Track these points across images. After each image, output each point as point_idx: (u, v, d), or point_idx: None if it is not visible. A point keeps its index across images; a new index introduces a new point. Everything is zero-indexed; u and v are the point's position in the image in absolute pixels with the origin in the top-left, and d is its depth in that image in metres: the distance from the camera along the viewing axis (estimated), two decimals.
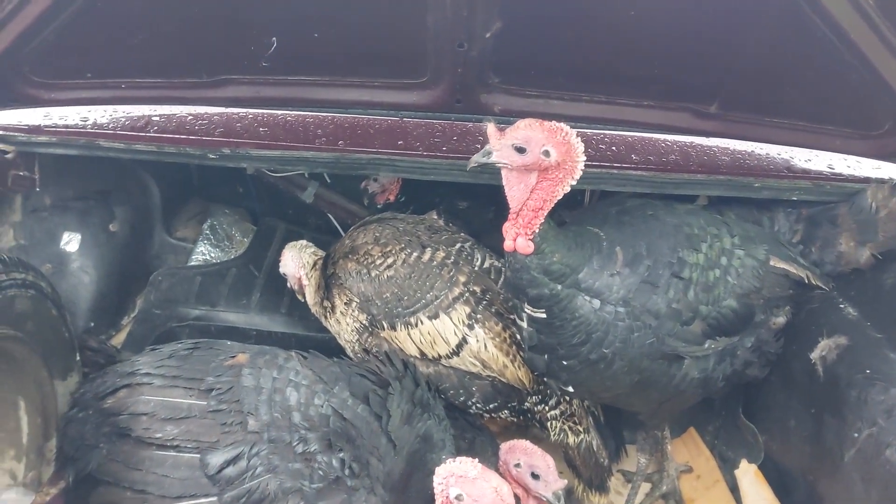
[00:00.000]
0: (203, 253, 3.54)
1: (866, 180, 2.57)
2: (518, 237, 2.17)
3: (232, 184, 3.76)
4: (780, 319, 2.58)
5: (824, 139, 2.54)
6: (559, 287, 2.22)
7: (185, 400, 2.28)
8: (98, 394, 2.42)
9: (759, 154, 2.65)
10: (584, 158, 2.08)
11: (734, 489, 2.89)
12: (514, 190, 2.14)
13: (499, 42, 2.22)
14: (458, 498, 1.96)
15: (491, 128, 2.09)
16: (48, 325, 2.65)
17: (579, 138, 2.07)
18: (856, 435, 2.25)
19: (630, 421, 3.00)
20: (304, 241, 2.98)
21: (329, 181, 3.61)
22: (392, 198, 3.34)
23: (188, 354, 2.43)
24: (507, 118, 2.55)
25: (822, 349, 2.48)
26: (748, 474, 2.76)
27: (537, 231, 2.16)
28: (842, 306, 2.57)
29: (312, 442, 2.18)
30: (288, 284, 2.98)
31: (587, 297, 2.24)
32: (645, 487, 3.04)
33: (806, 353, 2.52)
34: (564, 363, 2.34)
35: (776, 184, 2.57)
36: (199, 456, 2.20)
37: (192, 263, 3.51)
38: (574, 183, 2.11)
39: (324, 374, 2.32)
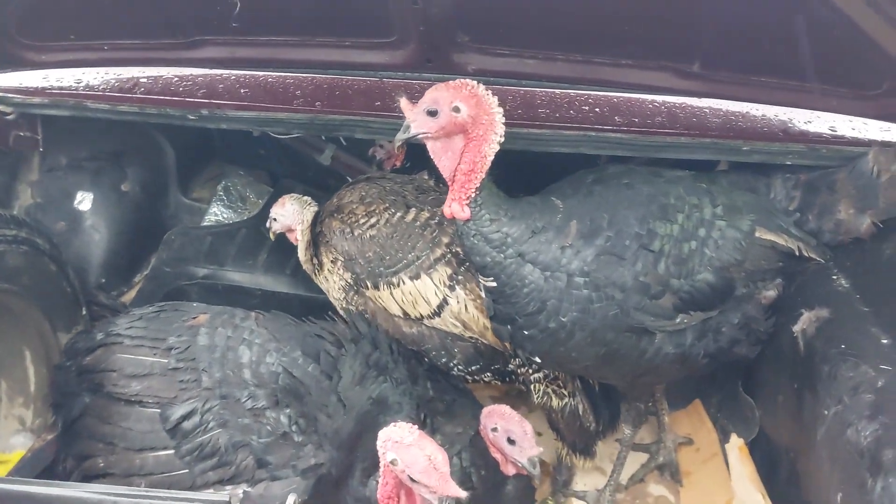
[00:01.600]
0: (216, 213, 3.61)
1: (868, 143, 2.40)
2: (453, 203, 2.14)
3: (253, 146, 3.80)
4: (771, 293, 2.45)
5: (820, 99, 2.38)
6: (501, 256, 2.17)
7: (149, 358, 2.38)
8: (81, 351, 2.53)
9: (753, 115, 2.50)
10: (501, 111, 2.05)
11: None
12: (443, 159, 2.12)
13: None
14: (392, 462, 1.96)
15: (404, 102, 2.13)
16: (46, 279, 2.77)
17: (489, 91, 2.05)
18: (825, 412, 2.14)
19: None
20: (308, 198, 2.97)
21: (345, 144, 3.61)
22: (398, 163, 3.32)
23: (155, 316, 2.53)
24: (481, 78, 2.50)
25: (804, 322, 2.35)
26: (734, 449, 2.67)
27: (473, 197, 2.12)
28: (834, 278, 2.43)
29: (261, 398, 2.24)
30: (269, 225, 2.97)
31: (535, 268, 2.19)
32: (642, 458, 2.97)
33: (790, 326, 2.39)
34: (525, 333, 2.29)
35: (766, 147, 2.43)
36: (159, 411, 2.29)
37: (205, 224, 3.59)
38: (500, 139, 2.07)
39: (278, 334, 2.37)
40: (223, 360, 2.32)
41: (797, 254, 2.42)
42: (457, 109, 2.04)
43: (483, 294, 2.32)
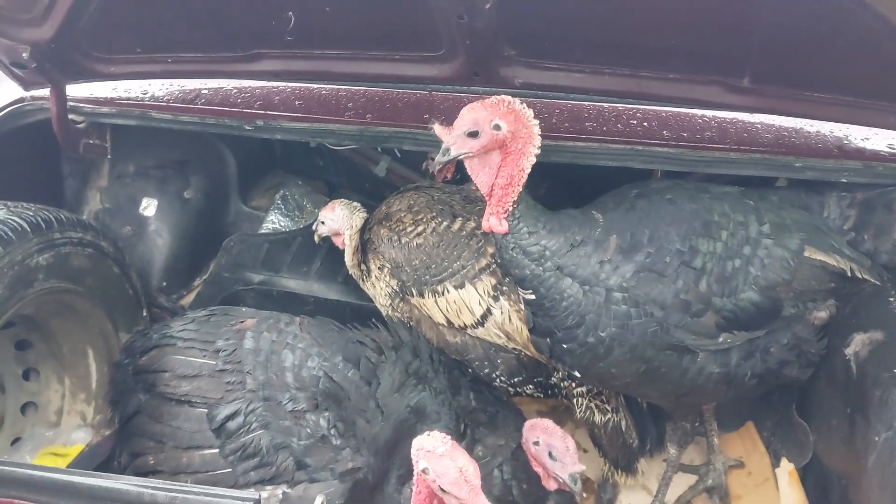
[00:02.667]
0: (273, 221, 3.70)
1: None
2: (490, 217, 2.15)
3: (311, 157, 3.89)
4: (822, 314, 2.39)
5: (878, 116, 2.31)
6: (540, 269, 2.18)
7: (198, 360, 2.46)
8: (138, 350, 2.64)
9: (807, 131, 2.46)
10: (537, 122, 2.07)
11: None
12: (481, 175, 2.15)
13: (504, 13, 2.18)
14: (424, 471, 1.98)
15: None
16: (110, 282, 2.89)
17: (524, 104, 2.07)
18: (876, 438, 2.07)
19: None
20: (357, 204, 3.02)
21: (399, 156, 3.66)
22: (449, 175, 3.34)
23: (206, 319, 2.62)
24: (529, 91, 2.52)
25: (857, 344, 2.28)
26: (784, 474, 2.60)
27: (511, 210, 2.14)
28: (891, 300, 2.35)
29: (301, 401, 2.30)
30: (315, 228, 3.02)
31: (573, 281, 2.19)
32: (690, 479, 2.92)
33: (843, 348, 2.33)
34: (564, 346, 2.29)
35: (820, 164, 2.38)
36: (206, 411, 2.36)
37: (262, 231, 3.68)
38: (538, 151, 2.08)
39: (321, 339, 2.42)
40: (267, 363, 2.39)
41: (850, 275, 2.34)
42: (497, 127, 2.06)
43: (523, 306, 2.32)
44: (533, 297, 2.23)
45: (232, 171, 3.66)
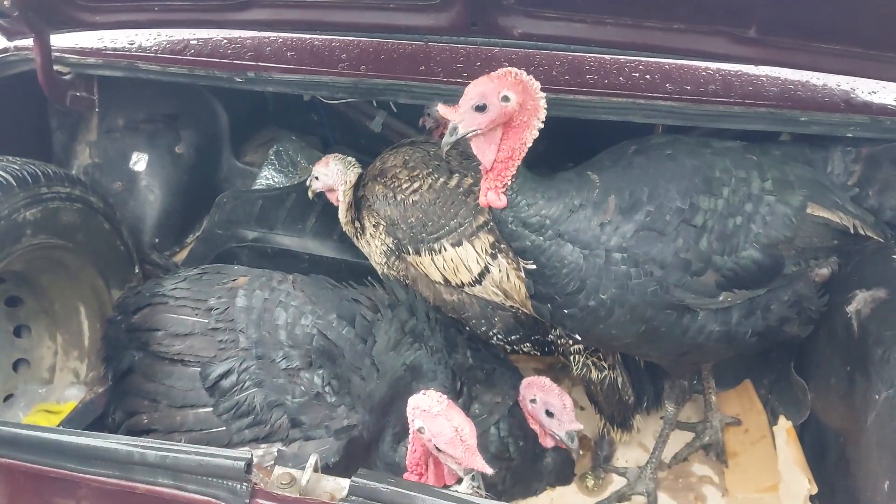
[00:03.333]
0: (267, 178, 3.64)
1: None
2: (489, 192, 2.09)
3: (305, 112, 3.82)
4: (824, 271, 2.35)
5: (886, 68, 2.24)
6: (541, 238, 2.13)
7: (191, 318, 2.43)
8: (131, 308, 2.60)
9: (814, 84, 2.40)
10: (544, 95, 1.99)
11: None
12: (486, 153, 2.06)
13: None
14: (419, 430, 1.95)
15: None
16: (101, 237, 2.84)
17: (531, 76, 1.99)
18: (876, 397, 2.04)
19: None
20: (352, 159, 2.95)
21: (395, 110, 3.59)
22: (446, 131, 3.29)
23: (198, 278, 2.58)
24: (528, 43, 2.45)
25: (859, 302, 2.25)
26: (781, 432, 2.59)
27: (509, 184, 2.08)
28: (895, 257, 2.31)
29: (295, 359, 2.27)
30: (309, 183, 2.96)
31: (574, 247, 2.14)
32: (687, 437, 2.91)
33: (844, 307, 2.29)
34: (565, 311, 2.25)
35: (827, 118, 2.32)
36: (199, 370, 2.33)
37: (256, 187, 3.62)
38: (541, 125, 2.01)
39: (314, 297, 2.39)
40: (260, 321, 2.35)
41: (853, 232, 2.30)
42: (506, 99, 1.98)
43: (523, 274, 2.28)
44: (534, 266, 2.18)
45: (224, 126, 3.59)
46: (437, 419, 1.97)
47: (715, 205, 2.20)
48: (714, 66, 2.44)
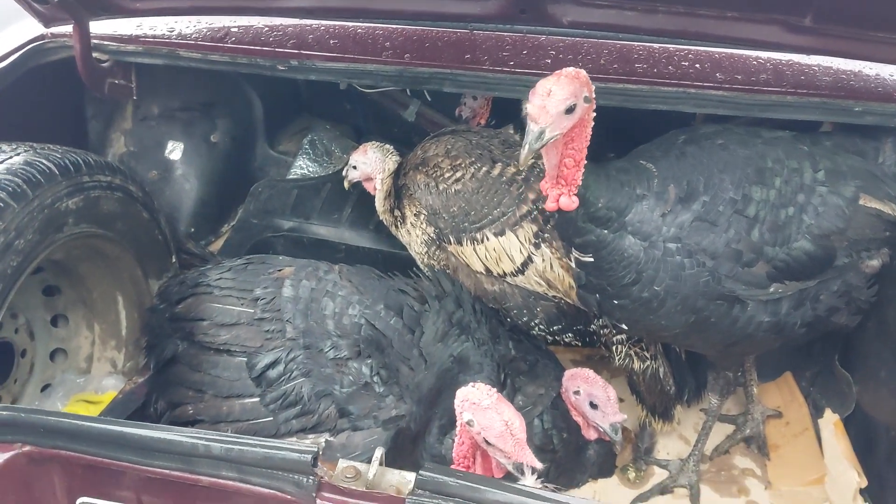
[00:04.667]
0: (301, 167, 3.62)
1: None
2: (561, 197, 2.04)
3: (339, 101, 3.79)
4: (874, 262, 2.32)
5: None
6: (605, 232, 2.10)
7: (237, 308, 2.42)
8: (174, 297, 2.58)
9: (866, 74, 2.36)
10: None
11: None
12: (553, 156, 2.00)
13: None
14: (469, 423, 1.94)
15: (531, 107, 1.87)
16: (139, 226, 2.82)
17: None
18: None
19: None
20: (390, 147, 2.94)
21: (430, 100, 3.57)
22: (483, 121, 3.28)
23: (243, 268, 2.56)
24: (581, 32, 2.42)
25: None
26: (828, 425, 2.57)
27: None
28: None
29: (343, 348, 2.26)
30: (346, 173, 2.95)
31: (636, 238, 2.11)
32: (728, 429, 2.89)
33: None
34: (616, 302, 2.23)
35: (881, 108, 2.29)
36: (245, 359, 2.32)
37: (291, 177, 3.60)
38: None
39: (361, 287, 2.37)
40: (307, 311, 2.34)
41: None
42: (587, 99, 1.92)
43: (573, 265, 2.25)
44: (592, 259, 2.15)
45: (259, 115, 3.57)
46: (487, 412, 1.96)
47: (767, 195, 2.17)
48: (765, 55, 2.40)
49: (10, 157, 2.37)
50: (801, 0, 2.14)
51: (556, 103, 1.86)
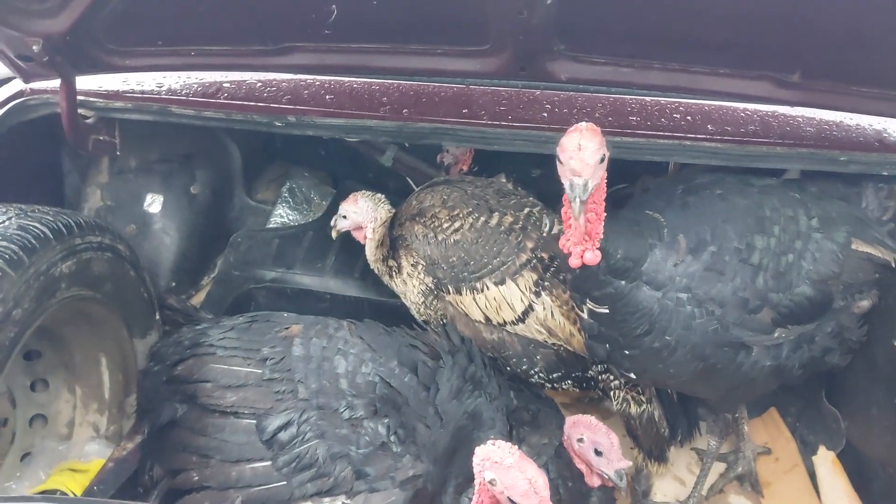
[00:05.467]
0: (281, 215, 3.59)
1: None
2: (585, 252, 2.06)
3: (314, 147, 3.78)
4: (865, 303, 2.42)
5: None
6: (622, 283, 2.14)
7: (244, 369, 2.36)
8: (171, 359, 2.52)
9: (847, 125, 2.48)
10: None
11: (813, 474, 2.78)
12: (580, 209, 1.99)
13: (562, 8, 2.12)
14: (491, 482, 1.93)
15: (574, 162, 1.89)
16: (126, 286, 2.74)
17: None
18: None
19: (703, 400, 2.90)
20: (381, 196, 2.94)
21: (407, 145, 3.58)
22: (465, 168, 3.31)
23: (247, 327, 2.51)
24: (574, 87, 2.47)
25: None
26: (826, 462, 2.65)
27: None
28: None
29: (359, 408, 2.23)
30: (334, 224, 2.94)
31: (650, 289, 2.15)
32: (720, 468, 2.94)
33: (890, 339, 2.36)
34: (627, 353, 2.27)
35: (865, 157, 2.40)
36: (255, 422, 2.27)
37: (271, 226, 3.57)
38: None
39: (373, 343, 2.35)
40: (319, 370, 2.30)
41: (894, 265, 2.38)
42: (608, 148, 1.96)
43: (585, 316, 2.28)
44: (607, 311, 2.18)
45: (237, 164, 3.53)
46: (510, 471, 1.94)
47: (768, 243, 2.25)
48: (752, 107, 2.50)
49: (3, 222, 2.29)
50: (792, 58, 2.24)
51: (592, 154, 1.90)
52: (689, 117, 2.47)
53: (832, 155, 2.40)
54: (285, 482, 2.22)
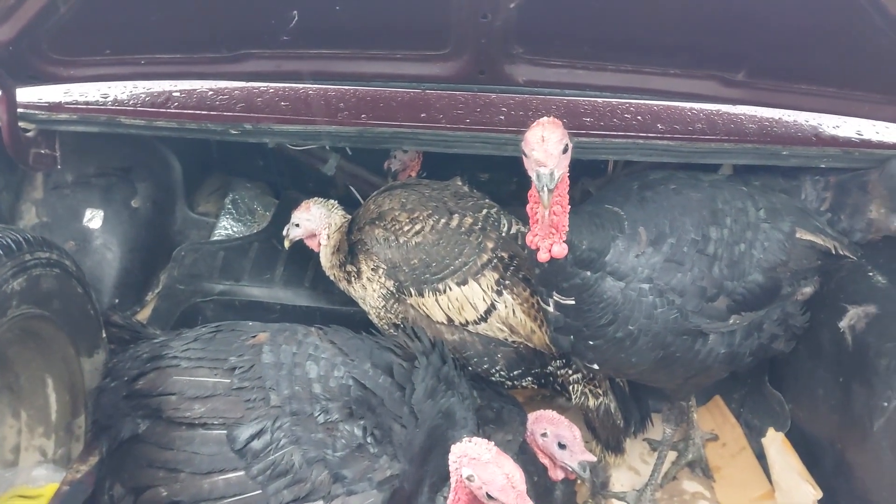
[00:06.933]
0: (226, 227, 3.53)
1: (894, 146, 2.53)
2: (553, 245, 2.11)
3: (253, 157, 3.74)
4: (808, 290, 2.55)
5: (852, 105, 2.49)
6: (588, 273, 2.20)
7: (210, 379, 2.31)
8: (129, 374, 2.45)
9: (786, 121, 2.61)
10: None
11: (760, 456, 2.89)
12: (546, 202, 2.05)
13: (523, 12, 2.18)
14: (469, 478, 1.95)
15: (537, 152, 1.94)
16: (74, 303, 2.65)
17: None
18: (885, 404, 2.24)
19: (655, 391, 2.99)
20: (334, 202, 2.92)
21: (350, 153, 3.58)
22: (413, 174, 3.33)
23: (212, 337, 2.46)
24: (531, 89, 2.53)
25: (851, 318, 2.46)
26: (775, 442, 2.75)
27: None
28: (870, 274, 2.55)
29: (334, 411, 2.22)
30: (287, 233, 2.92)
31: (614, 280, 2.22)
32: (671, 456, 3.03)
33: (834, 322, 2.50)
34: (591, 343, 2.33)
35: (804, 151, 2.54)
36: (225, 432, 2.23)
37: (215, 238, 3.51)
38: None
39: (344, 347, 2.35)
40: (291, 376, 2.27)
41: (833, 252, 2.52)
42: (570, 140, 2.02)
43: (551, 309, 2.33)
44: (573, 302, 2.24)
45: (178, 177, 3.46)
46: (488, 467, 1.97)
47: (722, 234, 2.36)
48: (698, 105, 2.61)
49: None
50: (738, 58, 2.36)
51: (555, 144, 1.96)
52: (639, 117, 2.56)
53: (775, 149, 2.53)
54: (261, 491, 2.18)
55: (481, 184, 3.17)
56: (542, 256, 2.13)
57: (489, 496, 1.97)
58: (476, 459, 1.98)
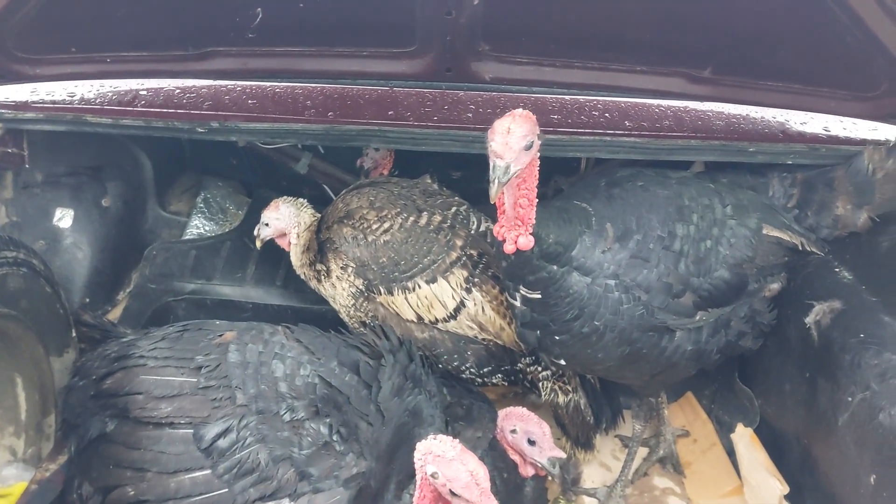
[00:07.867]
0: (197, 226, 3.52)
1: (862, 142, 2.55)
2: (519, 237, 2.12)
3: (225, 156, 3.73)
4: (775, 286, 2.57)
5: (819, 101, 2.51)
6: (555, 267, 2.21)
7: (177, 378, 2.30)
8: (97, 373, 2.44)
9: (753, 118, 2.62)
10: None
11: (731, 452, 2.91)
12: (510, 195, 2.08)
13: (488, 9, 2.19)
14: (433, 476, 1.96)
15: (496, 145, 1.94)
16: (42, 302, 2.65)
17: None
18: (849, 399, 2.25)
19: (626, 387, 3.00)
20: (303, 200, 2.92)
21: (323, 152, 3.58)
22: (385, 172, 3.33)
23: (179, 336, 2.45)
24: (498, 87, 2.53)
25: (817, 314, 2.47)
26: (744, 438, 2.78)
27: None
28: (837, 270, 2.57)
29: (300, 410, 2.21)
30: (257, 233, 2.91)
31: (580, 275, 2.23)
32: (642, 452, 3.05)
33: (800, 318, 2.51)
34: (557, 338, 2.34)
35: (771, 148, 2.55)
36: (192, 431, 2.22)
37: (187, 237, 3.50)
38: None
39: (311, 346, 2.34)
40: (257, 375, 2.27)
41: (800, 248, 2.54)
42: (540, 136, 2.02)
43: (518, 304, 2.34)
44: (539, 296, 2.25)
45: (149, 175, 3.45)
46: (452, 464, 1.98)
47: (688, 231, 2.37)
48: (665, 102, 2.62)
49: None
50: (703, 54, 2.37)
51: (517, 139, 1.96)
52: (607, 114, 2.57)
53: (741, 146, 2.54)
54: (227, 489, 2.17)
55: (453, 182, 3.17)
56: (509, 248, 2.14)
57: (453, 493, 1.99)
58: (440, 457, 1.98)
